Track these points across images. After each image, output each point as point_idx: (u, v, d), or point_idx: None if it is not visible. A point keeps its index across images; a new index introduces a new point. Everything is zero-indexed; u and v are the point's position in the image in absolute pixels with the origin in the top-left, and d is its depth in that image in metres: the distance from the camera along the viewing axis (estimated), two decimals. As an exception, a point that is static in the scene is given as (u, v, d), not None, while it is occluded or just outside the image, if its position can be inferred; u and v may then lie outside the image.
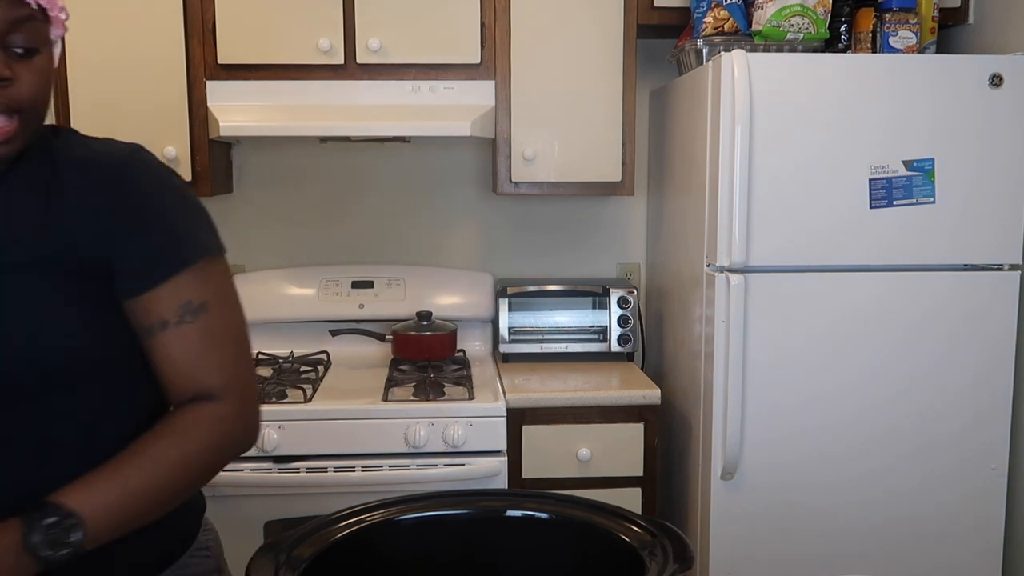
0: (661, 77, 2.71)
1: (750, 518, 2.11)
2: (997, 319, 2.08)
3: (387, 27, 2.31)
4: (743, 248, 2.00)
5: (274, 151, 2.71)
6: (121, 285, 0.97)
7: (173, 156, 2.33)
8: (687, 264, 2.31)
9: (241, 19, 2.31)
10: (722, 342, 2.05)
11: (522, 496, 1.01)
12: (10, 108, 0.89)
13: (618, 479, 2.26)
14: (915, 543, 2.14)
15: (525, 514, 0.98)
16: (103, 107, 2.32)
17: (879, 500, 2.12)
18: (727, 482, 2.09)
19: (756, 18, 2.20)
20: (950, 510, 2.13)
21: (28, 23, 0.88)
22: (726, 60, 1.98)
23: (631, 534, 0.92)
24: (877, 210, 2.03)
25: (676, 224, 2.44)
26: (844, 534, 2.13)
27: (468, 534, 0.96)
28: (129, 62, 2.30)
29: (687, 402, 2.31)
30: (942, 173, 2.03)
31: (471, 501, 0.99)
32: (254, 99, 2.33)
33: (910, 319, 2.07)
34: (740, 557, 2.12)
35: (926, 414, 2.10)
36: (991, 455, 2.12)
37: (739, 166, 1.98)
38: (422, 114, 2.31)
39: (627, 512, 0.98)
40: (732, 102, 1.97)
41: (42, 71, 0.91)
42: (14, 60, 0.88)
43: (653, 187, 2.71)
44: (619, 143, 2.41)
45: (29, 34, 0.89)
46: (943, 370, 2.09)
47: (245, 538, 2.15)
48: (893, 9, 2.17)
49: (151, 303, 0.98)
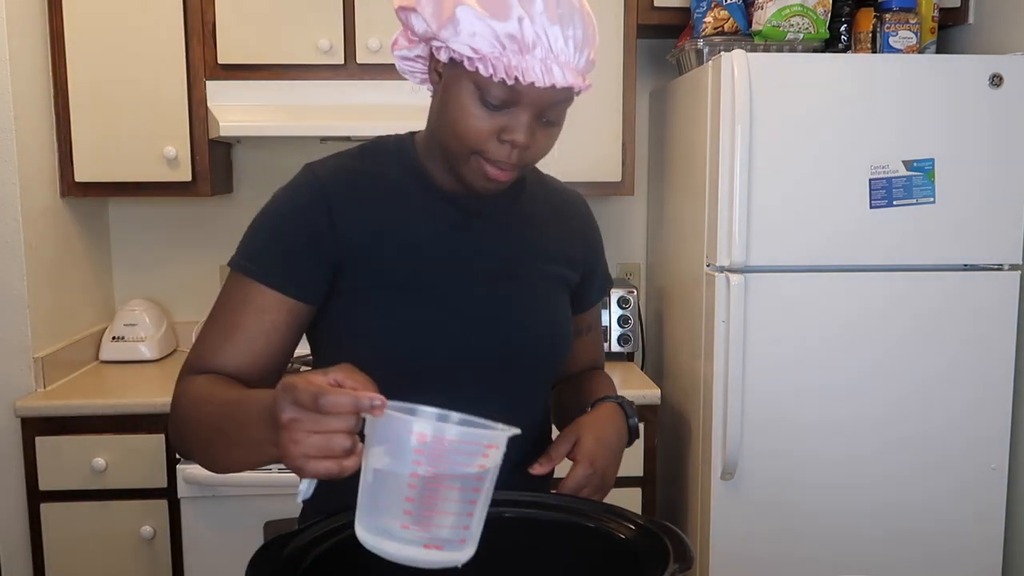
0: (661, 77, 2.71)
1: (750, 518, 2.11)
2: (997, 319, 2.08)
3: (387, 27, 2.31)
4: (743, 248, 2.00)
5: (274, 151, 2.71)
6: (585, 299, 1.28)
7: (173, 156, 2.33)
8: (687, 264, 2.31)
9: (241, 19, 2.31)
10: (722, 342, 2.05)
11: (521, 496, 1.01)
12: (519, 166, 1.04)
13: (618, 479, 2.23)
14: (915, 542, 2.14)
15: (524, 514, 0.98)
16: (103, 107, 2.32)
17: (879, 500, 2.12)
18: (727, 482, 2.09)
19: (756, 18, 2.20)
20: (950, 510, 2.13)
21: (565, 102, 1.02)
22: (726, 60, 1.98)
23: (630, 534, 0.92)
24: (877, 210, 2.03)
25: (676, 224, 2.44)
26: (844, 534, 2.13)
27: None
28: (129, 62, 2.30)
29: (687, 402, 2.31)
30: (942, 173, 2.03)
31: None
32: (254, 99, 2.33)
33: (910, 319, 2.07)
34: (740, 557, 2.12)
35: (926, 414, 2.10)
36: (991, 455, 2.12)
37: (739, 166, 1.98)
38: (422, 114, 2.29)
39: (626, 512, 0.98)
40: (732, 102, 1.97)
41: (554, 135, 1.05)
42: (540, 126, 1.02)
43: (653, 187, 2.71)
44: (619, 143, 2.41)
45: (560, 109, 1.03)
46: (943, 370, 2.09)
47: (245, 538, 2.16)
48: (893, 9, 2.17)
49: (588, 314, 1.31)
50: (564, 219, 1.22)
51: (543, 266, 1.17)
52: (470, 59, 0.96)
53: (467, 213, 1.12)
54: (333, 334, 1.10)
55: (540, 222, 1.19)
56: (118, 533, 2.18)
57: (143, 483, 2.18)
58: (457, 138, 1.02)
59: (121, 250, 2.73)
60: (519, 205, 1.17)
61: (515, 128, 0.99)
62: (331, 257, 1.06)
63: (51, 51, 2.31)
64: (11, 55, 2.14)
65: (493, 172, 1.02)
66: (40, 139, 2.28)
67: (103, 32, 2.29)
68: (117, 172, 2.35)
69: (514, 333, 1.11)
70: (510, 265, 1.12)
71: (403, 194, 1.11)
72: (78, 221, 2.50)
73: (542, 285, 1.16)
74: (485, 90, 0.97)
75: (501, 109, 0.99)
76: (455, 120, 1.01)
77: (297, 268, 1.06)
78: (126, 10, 2.29)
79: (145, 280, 2.74)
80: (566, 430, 1.15)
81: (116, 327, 2.55)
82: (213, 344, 1.05)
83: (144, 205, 2.71)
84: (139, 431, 2.17)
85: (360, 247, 1.07)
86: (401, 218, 1.09)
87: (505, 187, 1.07)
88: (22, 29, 2.20)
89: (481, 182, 1.04)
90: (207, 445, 0.99)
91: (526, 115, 0.99)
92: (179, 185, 2.36)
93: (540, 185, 1.23)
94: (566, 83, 0.96)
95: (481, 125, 0.99)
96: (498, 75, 0.95)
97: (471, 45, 0.95)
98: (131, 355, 2.53)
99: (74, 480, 2.16)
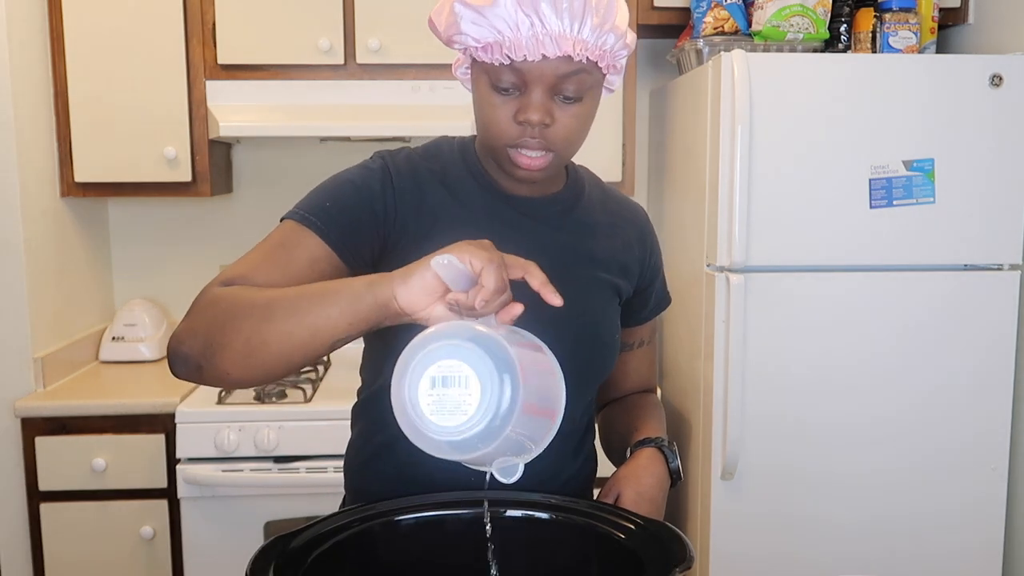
0: (661, 77, 2.71)
1: (750, 518, 2.11)
2: (997, 319, 2.08)
3: (387, 27, 2.31)
4: (743, 248, 2.00)
5: (274, 151, 2.71)
6: (638, 313, 1.29)
7: (173, 156, 2.33)
8: (687, 264, 2.31)
9: (241, 19, 2.31)
10: (722, 342, 2.05)
11: (522, 497, 1.01)
12: (544, 147, 1.04)
13: (618, 479, 2.26)
14: (915, 543, 2.14)
15: (525, 515, 0.98)
16: (103, 107, 2.32)
17: (879, 500, 2.12)
18: (727, 482, 2.09)
19: (756, 18, 2.20)
20: (950, 510, 2.13)
21: (576, 75, 1.01)
22: (726, 60, 1.97)
23: (631, 535, 0.92)
24: (877, 210, 2.03)
25: (676, 224, 2.44)
26: (844, 534, 2.13)
27: (469, 535, 0.96)
28: (129, 62, 2.30)
29: (687, 402, 2.31)
30: (942, 173, 2.03)
31: (472, 502, 0.99)
32: (254, 99, 2.33)
33: (910, 319, 2.07)
34: (740, 557, 2.12)
35: (926, 414, 2.10)
36: (991, 455, 2.12)
37: (739, 166, 1.98)
38: (422, 114, 2.31)
39: (627, 512, 0.98)
40: (732, 102, 1.97)
41: (578, 116, 1.04)
42: (559, 105, 1.02)
43: (653, 187, 2.71)
44: (619, 143, 2.41)
45: (577, 84, 1.01)
46: (943, 370, 2.09)
47: (245, 538, 2.16)
48: (893, 9, 2.17)
49: (642, 328, 1.32)
50: (622, 230, 1.23)
51: (596, 273, 1.18)
52: (475, 50, 1.01)
53: (522, 213, 1.14)
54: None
55: (597, 230, 1.20)
56: (118, 533, 2.19)
57: (143, 483, 2.18)
58: (485, 130, 1.06)
59: (121, 250, 2.73)
60: (577, 213, 1.18)
61: (527, 107, 1.01)
62: (385, 235, 1.09)
63: (51, 51, 2.31)
64: (11, 55, 2.14)
65: (523, 160, 1.04)
66: (40, 139, 2.28)
67: (103, 32, 2.29)
68: (117, 172, 2.35)
69: (560, 334, 1.10)
70: (561, 268, 1.10)
71: (462, 191, 1.14)
72: (78, 221, 2.50)
73: (593, 292, 1.17)
74: (495, 77, 1.01)
75: (513, 93, 1.02)
76: (480, 113, 1.06)
77: (355, 234, 1.07)
78: (126, 11, 2.29)
79: (145, 280, 2.74)
80: (607, 485, 1.16)
81: (116, 327, 2.56)
82: (260, 269, 1.01)
83: (144, 205, 2.71)
84: (139, 431, 2.17)
85: (415, 233, 1.09)
86: (457, 212, 1.12)
87: (545, 176, 1.08)
88: (22, 29, 2.20)
89: (519, 173, 1.06)
90: (262, 319, 0.91)
91: (537, 93, 1.01)
92: (179, 185, 2.36)
93: (600, 193, 1.24)
94: (560, 53, 0.97)
95: (499, 112, 1.03)
96: (494, 58, 0.99)
97: (471, 36, 0.99)
98: (131, 355, 2.53)
99: (74, 480, 2.16)
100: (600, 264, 1.19)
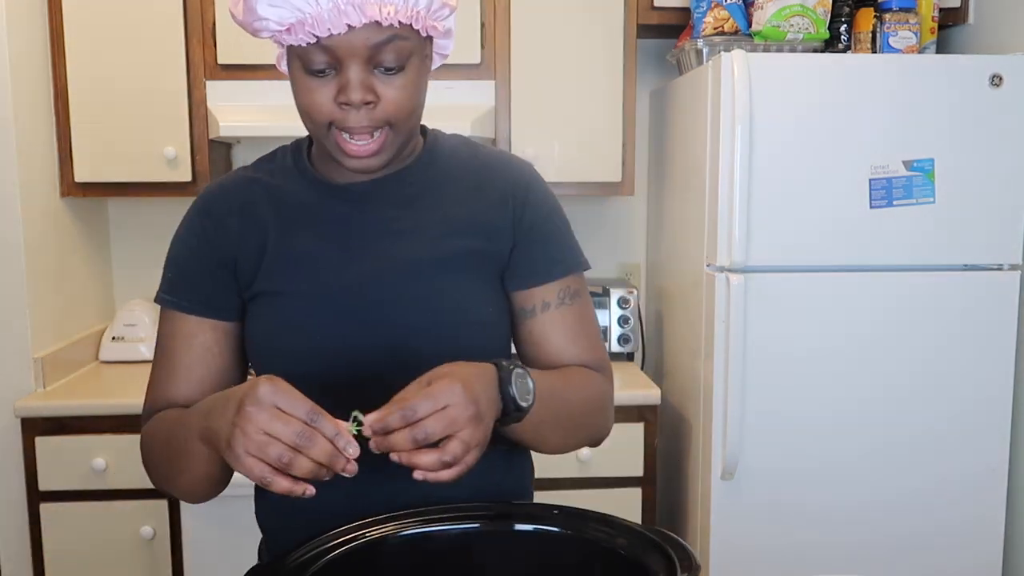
0: (661, 77, 2.71)
1: (750, 518, 2.11)
2: (997, 319, 2.08)
3: (387, 27, 2.31)
4: (743, 248, 2.00)
5: (274, 151, 2.71)
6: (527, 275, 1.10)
7: (173, 156, 2.33)
8: (687, 264, 2.31)
9: (241, 19, 2.30)
10: (722, 342, 2.05)
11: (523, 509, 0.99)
12: (373, 128, 0.96)
13: (618, 479, 2.26)
14: (915, 543, 2.14)
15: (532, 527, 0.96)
16: (103, 107, 2.32)
17: (879, 500, 2.12)
18: (727, 482, 2.09)
19: (756, 18, 2.20)
20: (950, 510, 2.13)
21: (391, 43, 0.92)
22: (726, 60, 1.97)
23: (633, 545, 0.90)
24: (877, 210, 2.03)
25: (676, 224, 2.44)
26: (844, 534, 2.13)
27: (473, 547, 0.95)
28: (129, 62, 2.30)
29: (687, 402, 2.31)
30: (942, 173, 2.03)
31: (475, 514, 0.97)
32: (254, 99, 2.33)
33: (910, 319, 2.07)
34: (740, 557, 2.12)
35: (926, 414, 2.10)
36: (991, 455, 2.12)
37: (739, 166, 1.98)
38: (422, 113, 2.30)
39: (629, 522, 0.96)
40: (732, 102, 1.97)
41: (404, 87, 0.95)
42: (380, 78, 0.94)
43: (653, 187, 2.71)
44: (619, 143, 2.41)
45: (394, 53, 0.93)
46: (943, 370, 2.09)
47: (245, 538, 2.15)
48: (893, 9, 2.17)
49: (541, 289, 1.10)
50: (487, 191, 1.09)
51: (451, 243, 1.06)
52: (280, 34, 0.93)
53: (352, 203, 1.06)
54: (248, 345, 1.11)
55: (455, 196, 1.08)
56: (118, 533, 2.18)
57: (143, 483, 2.16)
58: (308, 118, 0.98)
59: (121, 250, 2.73)
60: (430, 183, 1.09)
61: (346, 86, 0.93)
62: (233, 270, 1.07)
63: (51, 51, 2.31)
64: (11, 55, 2.14)
65: (352, 147, 0.96)
66: (40, 139, 2.28)
67: (103, 32, 2.29)
68: (117, 172, 2.35)
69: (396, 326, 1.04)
70: (401, 252, 1.04)
71: (290, 195, 1.08)
72: (78, 221, 2.50)
73: (448, 268, 1.05)
74: (307, 60, 0.93)
75: (329, 73, 0.94)
76: (298, 102, 0.98)
77: (202, 287, 1.07)
78: (126, 10, 2.29)
79: (145, 280, 2.73)
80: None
81: (116, 327, 2.55)
82: (159, 384, 1.09)
83: (144, 205, 2.70)
84: (139, 431, 2.16)
85: (247, 256, 1.06)
86: (284, 221, 1.07)
87: (382, 161, 0.99)
88: (22, 29, 2.20)
89: (351, 163, 0.98)
90: (167, 470, 1.03)
91: (353, 70, 0.92)
92: (179, 185, 2.36)
93: (467, 154, 1.13)
94: (365, 19, 0.89)
95: (317, 97, 0.95)
96: (299, 38, 0.91)
97: (272, 20, 0.91)
98: (131, 355, 2.53)
99: (74, 480, 2.16)
100: (458, 232, 1.06)
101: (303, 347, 1.04)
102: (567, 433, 1.06)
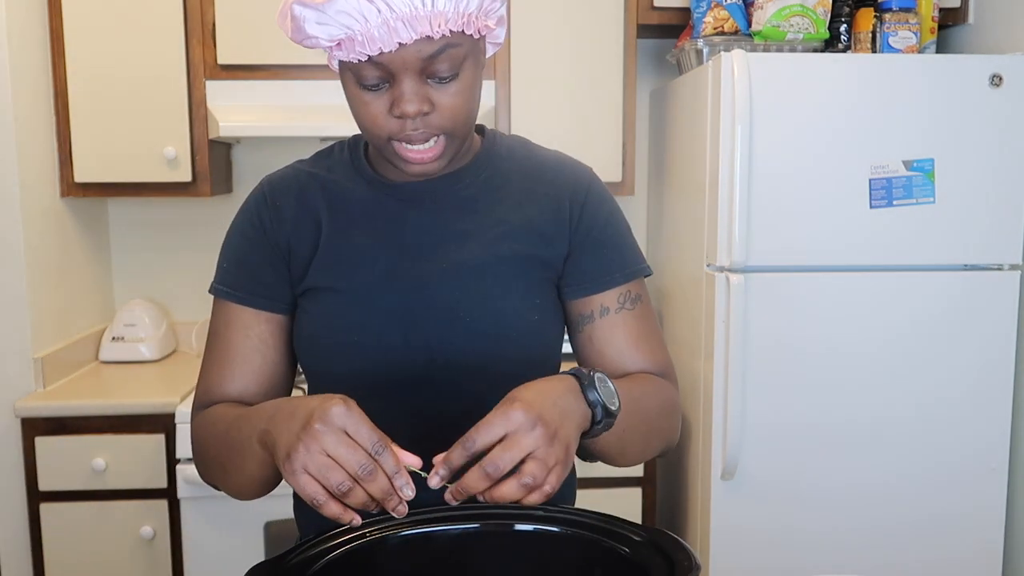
0: (661, 77, 2.71)
1: (750, 518, 2.11)
2: (997, 319, 2.08)
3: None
4: (743, 248, 2.00)
5: (274, 151, 2.71)
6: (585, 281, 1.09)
7: (173, 156, 2.33)
8: (687, 264, 2.31)
9: (241, 19, 2.31)
10: (722, 342, 2.05)
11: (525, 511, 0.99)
12: (429, 136, 0.96)
13: (618, 479, 2.26)
14: (915, 543, 2.14)
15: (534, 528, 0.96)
16: (103, 107, 2.32)
17: (879, 500, 2.12)
18: (727, 482, 2.09)
19: (756, 18, 2.20)
20: (950, 510, 2.13)
21: (444, 53, 0.91)
22: (726, 60, 1.98)
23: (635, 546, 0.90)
24: (877, 210, 2.03)
25: (676, 224, 2.44)
26: (844, 534, 2.13)
27: (473, 547, 0.95)
28: (129, 62, 2.30)
29: (687, 402, 2.31)
30: (942, 173, 2.03)
31: (475, 514, 0.97)
32: (254, 99, 2.33)
33: (910, 319, 2.07)
34: (740, 557, 2.12)
35: (926, 414, 2.10)
36: (991, 455, 2.12)
37: (739, 166, 1.98)
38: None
39: (630, 523, 0.96)
40: (732, 102, 1.97)
41: (460, 92, 0.95)
42: (435, 87, 0.94)
43: (653, 187, 2.71)
44: (619, 143, 2.41)
45: (448, 62, 0.92)
46: (943, 370, 2.09)
47: (245, 538, 2.16)
48: (893, 9, 2.17)
49: (602, 296, 1.09)
50: (544, 194, 1.09)
51: (502, 247, 1.05)
52: (331, 50, 0.93)
53: (406, 202, 1.07)
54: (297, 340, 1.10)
55: (510, 199, 1.08)
56: (118, 533, 2.19)
57: (143, 483, 2.18)
58: (365, 130, 0.99)
59: (121, 250, 2.73)
60: (485, 184, 1.08)
61: (400, 99, 0.92)
62: (287, 262, 1.08)
63: (51, 51, 2.31)
64: (11, 55, 2.14)
65: (412, 154, 0.96)
66: (40, 139, 2.28)
67: (103, 32, 2.29)
68: (117, 172, 2.35)
69: (443, 329, 1.03)
70: (450, 251, 1.04)
71: (346, 192, 1.09)
72: (78, 221, 2.50)
73: (498, 269, 1.05)
74: (359, 75, 0.93)
75: (381, 87, 0.93)
76: (355, 114, 0.98)
77: (260, 279, 1.07)
78: (126, 10, 2.29)
79: (145, 280, 2.74)
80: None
81: (116, 327, 2.55)
82: (213, 373, 1.08)
83: (144, 205, 2.71)
84: (139, 431, 2.17)
85: (301, 250, 1.07)
86: (339, 217, 1.07)
87: (442, 165, 0.99)
88: (22, 29, 2.20)
89: (412, 168, 0.98)
90: (220, 466, 1.01)
91: (407, 83, 0.92)
92: (179, 185, 2.36)
93: (524, 157, 1.12)
94: (416, 36, 0.88)
95: (373, 110, 0.95)
96: (351, 56, 0.90)
97: (321, 37, 0.91)
98: (131, 355, 2.53)
99: (74, 480, 2.16)
100: (511, 236, 1.06)
101: (352, 345, 1.04)
102: (646, 441, 1.05)
